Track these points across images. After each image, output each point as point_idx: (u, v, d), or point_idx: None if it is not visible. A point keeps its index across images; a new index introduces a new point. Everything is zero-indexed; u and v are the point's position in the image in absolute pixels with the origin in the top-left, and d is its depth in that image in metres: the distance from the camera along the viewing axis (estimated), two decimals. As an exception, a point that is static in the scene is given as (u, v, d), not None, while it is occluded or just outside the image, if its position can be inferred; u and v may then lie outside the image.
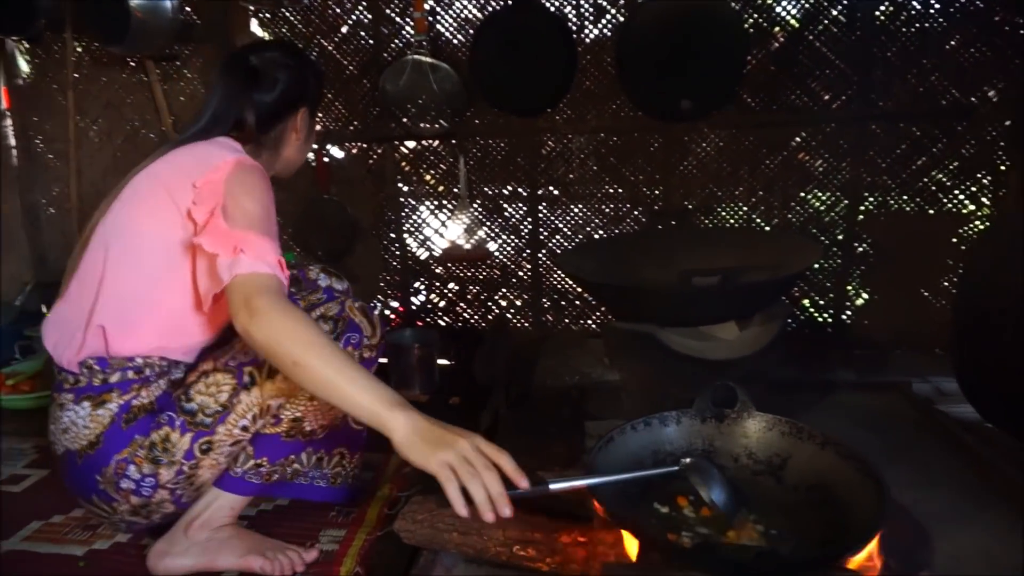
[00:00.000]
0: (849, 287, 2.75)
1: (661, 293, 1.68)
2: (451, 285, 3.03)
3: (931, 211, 2.64)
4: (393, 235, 3.00)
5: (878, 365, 2.61)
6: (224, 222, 1.24)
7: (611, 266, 1.91)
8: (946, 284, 2.69)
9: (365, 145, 2.94)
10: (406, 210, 2.98)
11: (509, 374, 2.12)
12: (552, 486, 1.16)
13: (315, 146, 2.95)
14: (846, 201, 2.65)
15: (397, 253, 3.02)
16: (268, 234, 1.26)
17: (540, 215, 2.87)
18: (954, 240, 2.66)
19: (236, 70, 1.49)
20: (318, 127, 2.94)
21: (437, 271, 3.03)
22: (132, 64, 2.99)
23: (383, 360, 2.69)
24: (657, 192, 2.74)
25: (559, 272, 2.89)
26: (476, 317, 3.03)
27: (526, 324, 2.99)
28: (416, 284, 3.06)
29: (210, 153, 1.39)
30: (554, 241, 2.88)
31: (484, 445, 1.05)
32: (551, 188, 2.85)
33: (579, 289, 2.87)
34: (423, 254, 3.02)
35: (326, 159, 2.92)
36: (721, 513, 1.24)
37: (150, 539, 1.54)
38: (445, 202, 2.93)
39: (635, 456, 1.38)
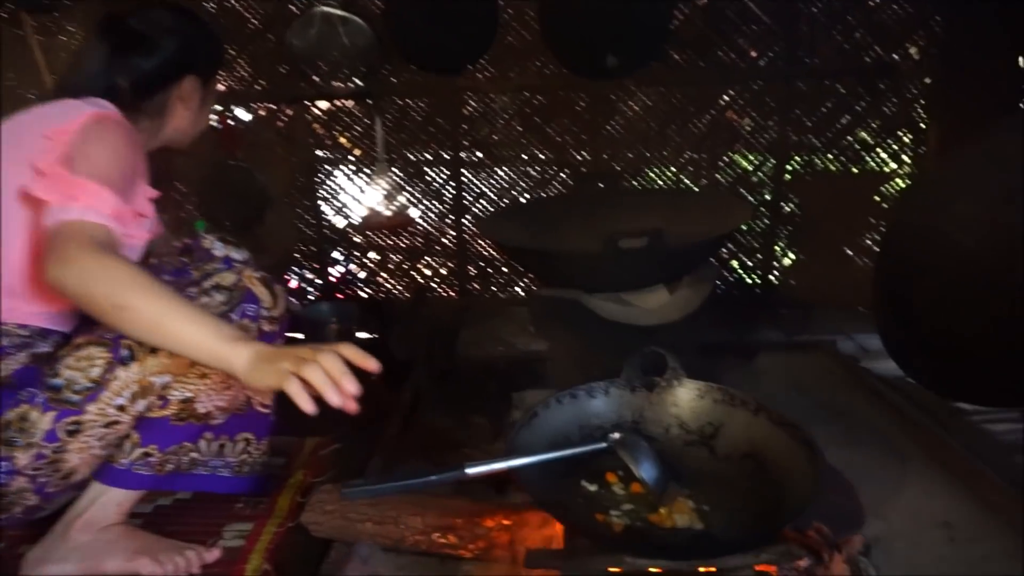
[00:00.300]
0: (776, 247, 2.74)
1: (586, 257, 1.59)
2: (371, 255, 2.88)
3: (855, 170, 2.65)
4: (307, 202, 2.82)
5: (804, 324, 2.62)
6: (65, 170, 1.11)
7: (535, 230, 1.81)
8: (868, 242, 2.71)
9: (273, 106, 2.73)
10: (320, 175, 2.80)
11: (430, 347, 2.01)
12: (469, 470, 1.06)
13: (218, 107, 2.72)
14: (773, 161, 2.63)
15: (312, 222, 2.84)
16: (113, 187, 1.13)
17: (463, 179, 2.74)
18: (876, 198, 2.68)
19: (112, 31, 1.34)
20: (220, 87, 2.72)
21: (356, 240, 2.87)
22: (5, 16, 2.68)
23: (298, 335, 2.56)
24: (584, 153, 2.64)
25: (484, 238, 2.77)
26: (399, 288, 2.89)
27: (451, 293, 2.87)
28: (333, 254, 2.89)
29: (72, 107, 1.24)
30: (479, 206, 2.76)
31: (326, 346, 1.01)
32: (474, 151, 2.72)
33: (505, 256, 2.76)
34: (340, 222, 2.85)
35: (231, 122, 2.70)
36: (652, 489, 1.16)
37: (27, 546, 1.37)
38: (362, 166, 2.76)
39: (561, 431, 1.30)
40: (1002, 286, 1.83)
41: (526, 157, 2.69)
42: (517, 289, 2.83)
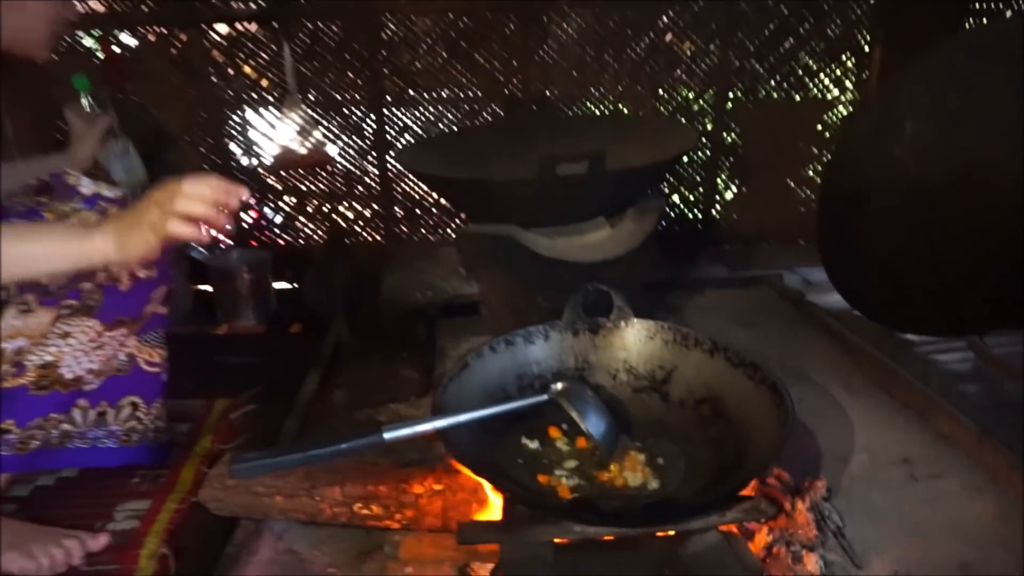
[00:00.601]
0: (719, 180, 2.62)
1: (521, 185, 1.42)
2: (287, 197, 2.63)
3: (797, 97, 2.54)
4: (212, 141, 2.53)
5: (747, 260, 2.54)
6: None
7: (462, 160, 1.62)
8: (811, 173, 2.63)
9: (164, 30, 2.41)
10: (225, 110, 2.51)
11: (349, 296, 1.82)
12: (387, 435, 0.90)
13: (99, 33, 2.39)
14: (714, 88, 2.49)
15: (218, 162, 2.56)
16: None
17: (384, 112, 2.49)
18: (819, 128, 2.59)
19: None
20: (100, 7, 2.39)
21: (269, 181, 2.61)
22: None
23: (206, 288, 2.32)
24: (515, 81, 2.44)
25: (411, 177, 2.56)
26: (320, 233, 2.66)
27: (377, 238, 2.66)
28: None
29: None
30: (403, 141, 2.53)
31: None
32: (396, 80, 2.47)
33: (435, 195, 2.56)
34: (250, 162, 2.58)
35: (116, 50, 2.38)
36: (600, 444, 1.03)
37: None
38: (271, 99, 2.49)
39: (496, 384, 1.14)
40: (950, 212, 1.76)
41: (453, 87, 2.47)
42: (448, 231, 2.64)
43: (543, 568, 0.86)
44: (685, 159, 2.56)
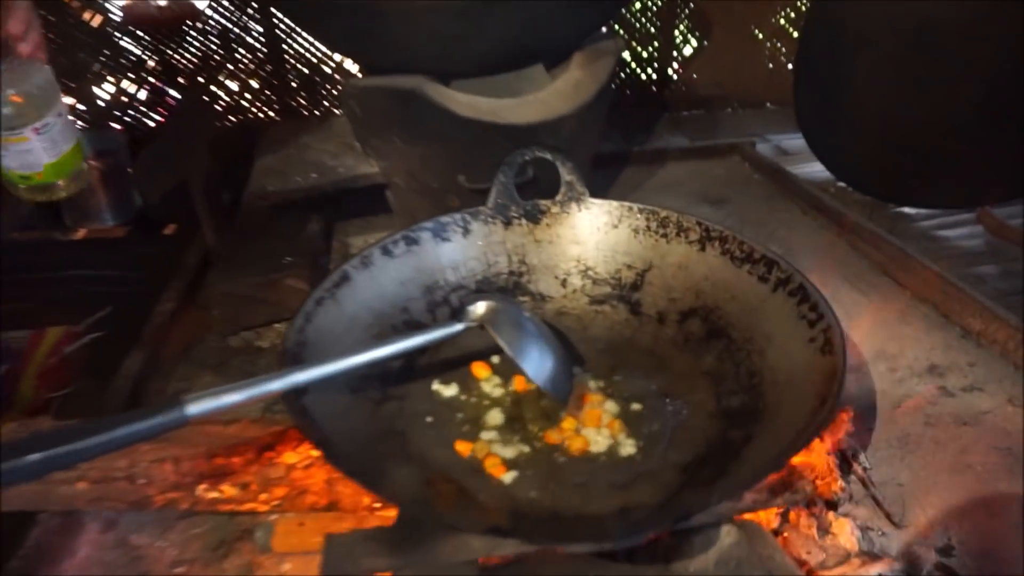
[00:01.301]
0: (676, 31, 2.21)
1: (430, 16, 0.99)
2: (150, 64, 2.10)
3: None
4: (41, -9, 1.95)
5: (710, 127, 2.18)
6: None
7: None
8: (783, 23, 2.24)
9: None
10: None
11: (215, 185, 1.39)
12: (192, 408, 0.53)
13: None
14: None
15: (52, 19, 2.00)
16: None
17: (262, -53, 1.96)
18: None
19: None
20: None
21: (124, 44, 2.07)
22: None
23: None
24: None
25: (306, 35, 2.06)
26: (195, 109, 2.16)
27: (270, 113, 2.18)
28: (96, 67, 2.09)
29: None
30: (289, -14, 2.00)
31: None
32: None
33: (337, 56, 2.08)
34: (94, 19, 2.02)
35: None
36: (549, 390, 0.68)
37: None
38: (109, -69, 1.92)
39: (393, 302, 0.78)
40: (963, 54, 1.43)
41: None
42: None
43: (462, 606, 0.53)
44: (637, 5, 2.13)
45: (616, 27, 2.15)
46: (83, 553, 0.86)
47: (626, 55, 2.23)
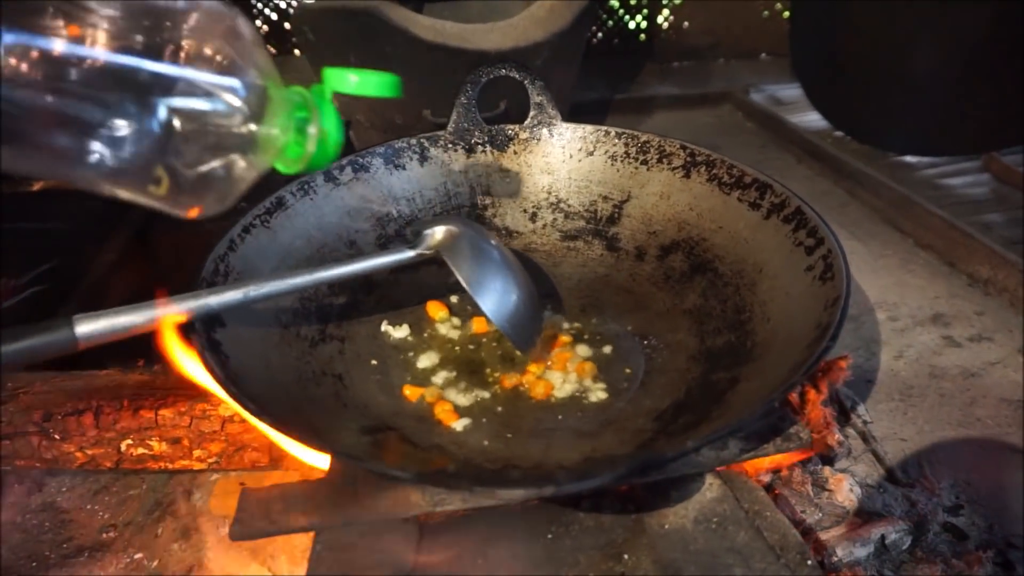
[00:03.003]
0: (666, -24, 2.09)
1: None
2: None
3: None
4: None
5: (701, 78, 2.07)
6: None
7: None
8: (779, -35, 2.12)
9: None
10: None
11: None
12: (82, 328, 0.46)
13: None
14: None
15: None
16: None
17: None
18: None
19: None
20: None
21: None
22: None
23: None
24: None
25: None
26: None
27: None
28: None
29: None
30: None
31: None
32: None
33: None
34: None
35: None
36: (511, 335, 0.59)
37: None
38: None
39: (338, 232, 0.69)
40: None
41: None
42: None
43: (397, 570, 0.45)
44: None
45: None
46: (3, 517, 0.78)
47: (614, 2, 2.11)
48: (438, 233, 0.60)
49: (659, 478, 0.48)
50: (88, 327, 0.47)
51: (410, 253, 0.59)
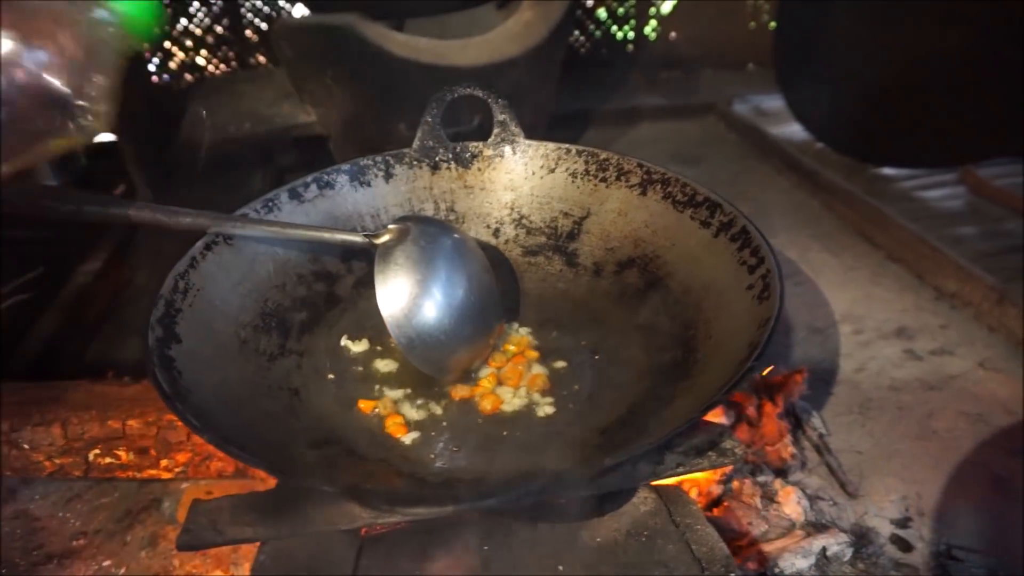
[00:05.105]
0: (654, -13, 2.12)
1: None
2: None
3: None
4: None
5: (687, 88, 2.10)
6: None
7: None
8: (766, -23, 2.14)
9: None
10: None
11: (150, 136, 1.30)
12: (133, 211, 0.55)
13: None
14: None
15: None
16: None
17: None
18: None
19: None
20: None
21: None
22: None
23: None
24: None
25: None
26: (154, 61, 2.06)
27: (227, 70, 2.08)
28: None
29: None
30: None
31: None
32: None
33: (297, 11, 1.98)
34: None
35: None
36: (464, 331, 0.61)
37: None
38: None
39: (302, 248, 0.70)
40: (941, 11, 1.35)
41: None
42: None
43: (339, 580, 0.46)
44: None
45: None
46: (-24, 524, 0.79)
47: (602, 13, 2.14)
48: (392, 228, 0.63)
49: (591, 493, 0.50)
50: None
51: (358, 238, 0.63)
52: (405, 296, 0.59)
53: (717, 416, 0.74)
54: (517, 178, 0.79)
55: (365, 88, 1.03)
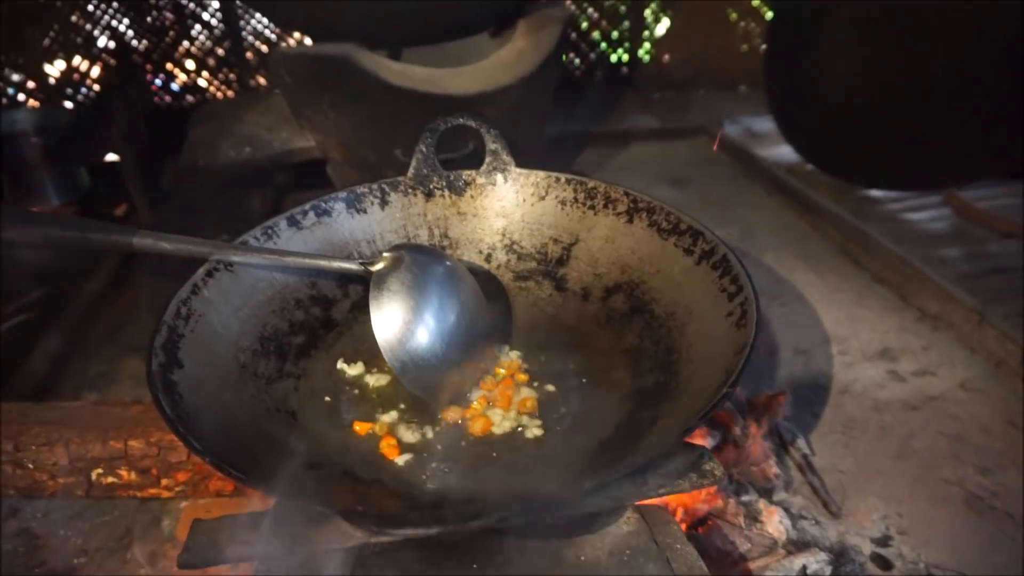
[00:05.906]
0: (647, 11, 2.16)
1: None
2: (102, 42, 2.04)
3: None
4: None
5: (680, 109, 2.14)
6: None
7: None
8: (757, 2, 2.19)
9: None
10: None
11: (144, 161, 1.33)
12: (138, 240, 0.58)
13: None
14: None
15: (-1, -7, 1.93)
16: None
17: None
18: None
19: None
20: None
21: (73, 20, 2.01)
22: None
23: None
24: None
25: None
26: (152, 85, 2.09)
27: (229, 92, 2.12)
28: (45, 42, 2.02)
29: None
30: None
31: None
32: None
33: (297, 34, 2.02)
34: (42, -9, 1.96)
35: None
36: (455, 355, 0.63)
37: None
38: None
39: (300, 274, 0.73)
40: (926, 37, 1.39)
41: None
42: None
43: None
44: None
45: None
46: (-22, 542, 0.81)
47: (596, 35, 2.18)
48: (387, 256, 0.66)
49: (572, 514, 0.52)
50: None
51: (353, 265, 0.65)
52: (399, 322, 0.62)
53: (701, 438, 0.77)
54: (508, 205, 0.82)
55: (362, 115, 1.06)
